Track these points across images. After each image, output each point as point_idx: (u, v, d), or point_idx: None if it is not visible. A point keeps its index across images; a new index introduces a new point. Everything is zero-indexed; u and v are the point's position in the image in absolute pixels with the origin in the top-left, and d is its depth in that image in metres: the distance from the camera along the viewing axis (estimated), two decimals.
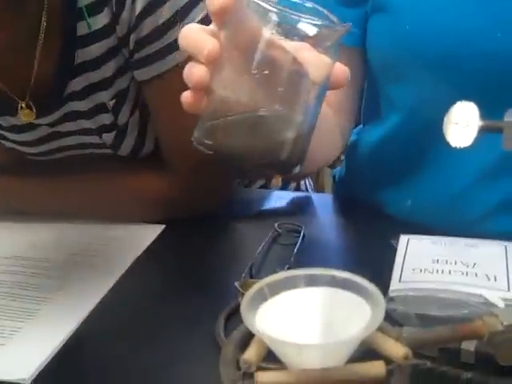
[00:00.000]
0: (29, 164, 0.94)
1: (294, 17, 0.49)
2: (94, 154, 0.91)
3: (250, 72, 0.49)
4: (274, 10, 0.48)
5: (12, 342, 0.63)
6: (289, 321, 0.36)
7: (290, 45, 0.49)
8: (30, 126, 0.86)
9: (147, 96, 0.84)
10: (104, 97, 0.83)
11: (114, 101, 0.84)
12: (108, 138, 0.87)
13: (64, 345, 0.63)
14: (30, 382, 0.58)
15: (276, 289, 0.37)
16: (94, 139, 0.88)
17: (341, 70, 0.53)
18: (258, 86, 0.50)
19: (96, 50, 0.79)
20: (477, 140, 0.47)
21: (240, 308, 0.35)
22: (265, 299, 0.37)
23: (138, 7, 0.76)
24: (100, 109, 0.85)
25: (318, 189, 1.63)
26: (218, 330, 0.62)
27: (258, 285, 0.37)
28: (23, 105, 0.82)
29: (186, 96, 0.52)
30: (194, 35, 0.53)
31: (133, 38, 0.78)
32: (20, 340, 0.63)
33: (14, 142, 0.90)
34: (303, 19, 0.49)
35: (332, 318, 0.37)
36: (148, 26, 0.77)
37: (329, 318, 0.37)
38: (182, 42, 0.53)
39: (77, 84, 0.82)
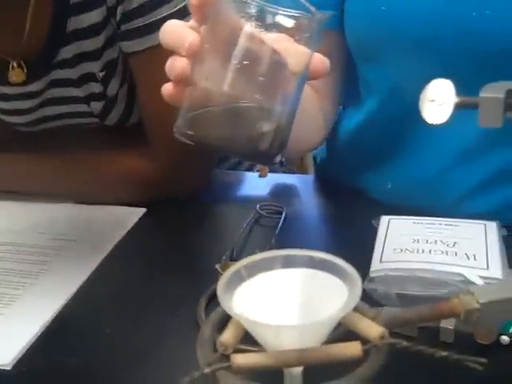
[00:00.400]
0: (15, 142, 0.94)
1: (271, 9, 0.49)
2: (80, 125, 0.92)
3: (230, 63, 0.49)
4: (253, 2, 0.48)
5: None
6: (266, 302, 0.36)
7: (269, 36, 0.49)
8: (20, 95, 0.87)
9: (133, 69, 0.85)
10: (93, 67, 0.84)
11: (103, 72, 0.85)
12: (96, 106, 0.88)
13: (46, 328, 0.63)
14: (10, 367, 0.58)
15: (253, 270, 0.37)
16: (82, 107, 0.89)
17: (319, 59, 0.52)
18: (238, 76, 0.50)
19: (88, 19, 0.80)
20: (453, 119, 0.47)
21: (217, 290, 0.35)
22: (242, 281, 0.37)
23: None
24: (89, 77, 0.86)
25: (302, 170, 1.63)
26: (199, 312, 0.62)
27: (235, 266, 0.37)
28: (14, 64, 0.83)
29: (167, 88, 0.53)
30: (174, 30, 0.53)
31: (120, 9, 0.78)
32: (0, 326, 0.63)
33: (1, 111, 0.91)
34: (281, 11, 0.49)
35: (309, 299, 0.37)
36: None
37: (306, 300, 0.37)
38: (163, 37, 0.53)
39: (68, 52, 0.83)
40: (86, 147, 0.88)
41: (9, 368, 0.58)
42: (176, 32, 0.52)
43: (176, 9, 0.78)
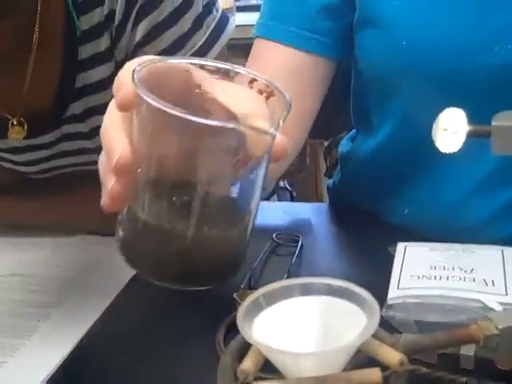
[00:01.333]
0: (26, 182, 0.94)
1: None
2: (91, 170, 0.92)
3: (168, 195, 0.44)
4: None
5: (13, 359, 0.63)
6: (285, 330, 0.36)
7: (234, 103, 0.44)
8: (30, 146, 0.86)
9: None
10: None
11: None
12: None
13: (65, 360, 0.63)
14: None
15: (272, 298, 0.37)
16: (93, 157, 0.89)
17: (281, 145, 0.46)
18: (181, 210, 0.44)
19: (97, 74, 0.79)
20: (472, 147, 0.47)
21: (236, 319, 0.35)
22: (261, 309, 0.37)
23: (138, 35, 0.76)
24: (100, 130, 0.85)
25: (317, 199, 1.63)
26: (219, 341, 0.62)
27: (254, 295, 0.37)
28: (14, 121, 0.80)
29: (104, 201, 0.47)
30: (106, 134, 0.47)
31: None
32: (21, 357, 0.63)
33: (12, 162, 0.91)
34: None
35: (328, 327, 0.37)
36: (145, 54, 0.77)
37: (325, 327, 0.37)
38: (101, 137, 0.48)
39: (77, 107, 0.82)
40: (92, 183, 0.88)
41: None
42: (107, 138, 0.46)
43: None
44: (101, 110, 0.81)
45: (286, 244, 0.82)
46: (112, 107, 0.47)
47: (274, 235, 0.83)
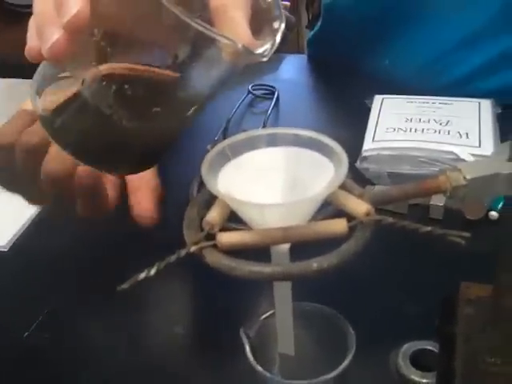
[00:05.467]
0: None
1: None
2: None
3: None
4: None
5: None
6: (251, 181, 0.36)
7: None
8: None
9: None
10: None
11: None
12: None
13: (39, 214, 0.63)
14: (7, 248, 0.59)
15: (238, 149, 0.36)
16: None
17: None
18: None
19: None
20: (460, 3, 0.45)
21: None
22: (227, 160, 0.36)
23: None
24: None
25: (299, 51, 1.59)
26: (192, 193, 0.62)
27: (219, 146, 0.36)
28: None
29: (32, 48, 0.39)
30: None
31: None
32: None
33: None
34: None
35: (295, 178, 0.36)
36: None
37: (292, 178, 0.36)
38: None
39: None
40: None
41: (5, 249, 0.59)
42: None
43: None
44: None
45: (262, 96, 0.81)
46: None
47: (250, 87, 0.81)
